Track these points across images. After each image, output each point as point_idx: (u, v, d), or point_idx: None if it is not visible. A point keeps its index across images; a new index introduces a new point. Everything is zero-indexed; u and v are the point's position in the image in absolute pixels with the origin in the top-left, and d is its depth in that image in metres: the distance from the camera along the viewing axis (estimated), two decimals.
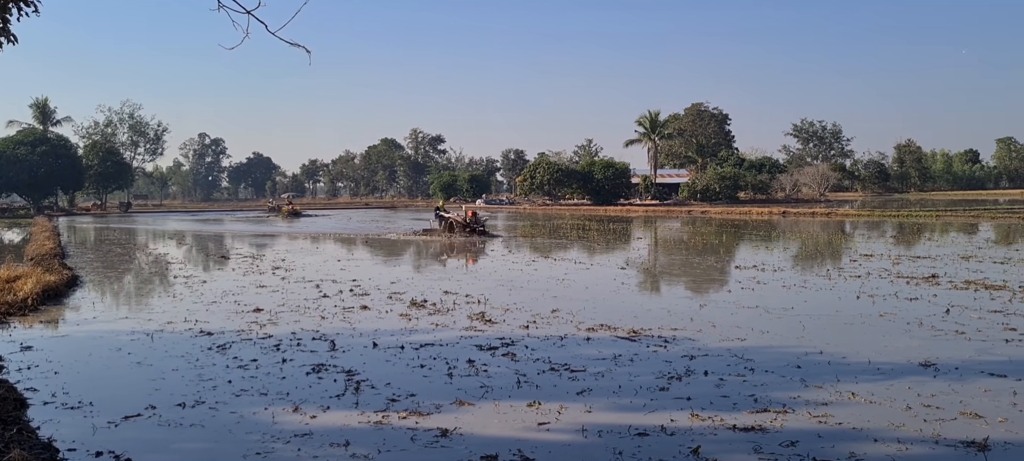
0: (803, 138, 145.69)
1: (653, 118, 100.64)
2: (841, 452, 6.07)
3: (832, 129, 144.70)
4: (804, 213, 57.23)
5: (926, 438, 6.41)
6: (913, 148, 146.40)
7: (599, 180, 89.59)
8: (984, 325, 11.44)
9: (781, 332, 11.22)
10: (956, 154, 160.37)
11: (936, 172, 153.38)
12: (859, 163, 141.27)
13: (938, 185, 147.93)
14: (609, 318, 12.34)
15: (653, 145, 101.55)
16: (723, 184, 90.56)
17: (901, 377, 8.43)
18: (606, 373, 8.77)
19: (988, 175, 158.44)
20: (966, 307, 13.08)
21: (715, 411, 7.22)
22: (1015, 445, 6.19)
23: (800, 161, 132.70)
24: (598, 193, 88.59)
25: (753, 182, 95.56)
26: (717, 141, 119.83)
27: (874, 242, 29.89)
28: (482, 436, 6.62)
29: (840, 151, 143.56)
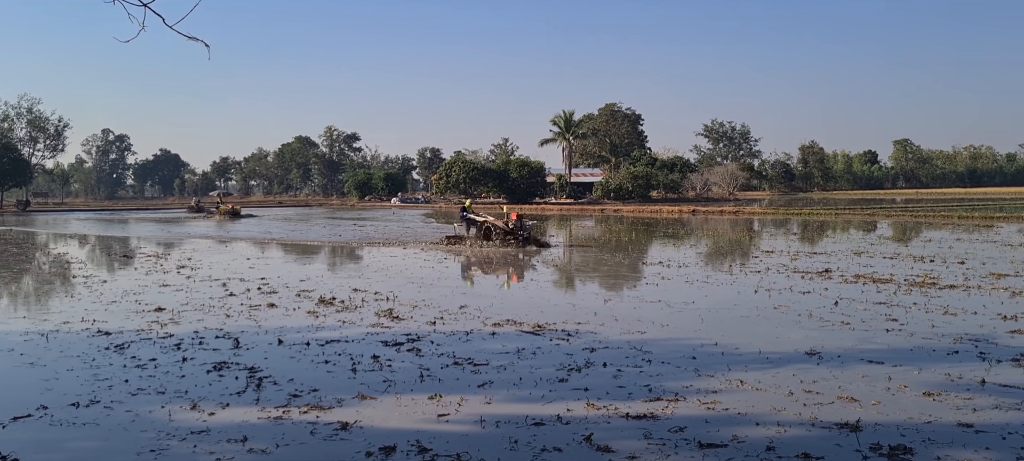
0: (713, 138, 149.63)
1: (568, 118, 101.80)
2: (725, 436, 6.37)
3: (741, 130, 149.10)
4: (713, 211, 58.76)
5: (804, 421, 6.77)
6: (816, 149, 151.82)
7: (515, 179, 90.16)
8: (868, 316, 12.06)
9: (680, 325, 11.61)
10: (856, 155, 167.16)
11: (838, 172, 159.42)
12: (766, 163, 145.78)
13: (839, 184, 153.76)
14: (516, 314, 12.53)
15: (568, 144, 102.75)
16: (636, 183, 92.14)
17: (787, 365, 8.86)
18: (508, 366, 8.95)
19: (886, 175, 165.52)
20: (854, 300, 13.74)
21: (611, 401, 7.46)
22: (884, 425, 6.59)
23: (710, 161, 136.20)
24: (514, 192, 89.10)
25: (665, 181, 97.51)
26: (630, 141, 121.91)
27: (777, 239, 30.98)
28: (382, 428, 6.71)
29: (748, 151, 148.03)
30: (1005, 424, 6.59)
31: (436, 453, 6.08)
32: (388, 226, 44.23)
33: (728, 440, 6.27)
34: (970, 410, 7.01)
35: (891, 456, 5.87)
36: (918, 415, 6.87)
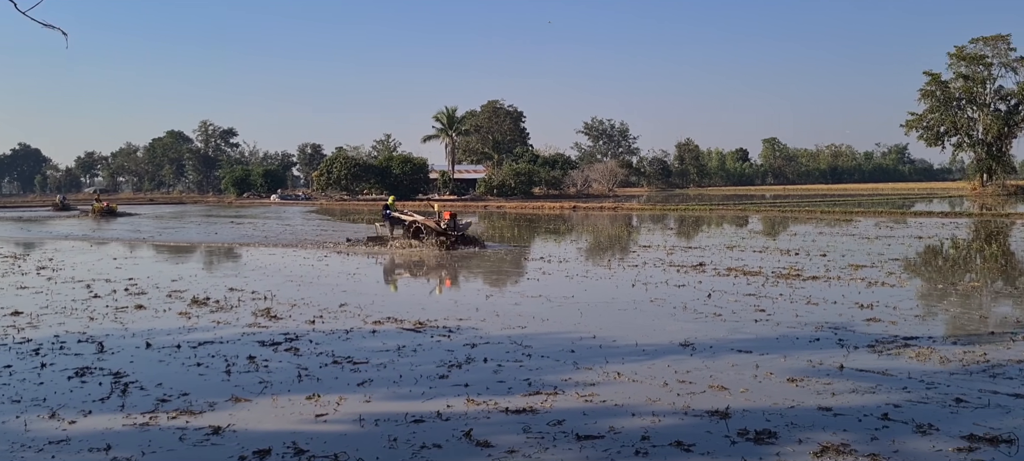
0: (593, 136, 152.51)
1: (450, 114, 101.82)
2: (602, 427, 6.50)
3: (620, 128, 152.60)
4: (594, 208, 59.87)
5: (678, 410, 6.98)
6: (692, 147, 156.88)
7: (397, 175, 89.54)
8: (739, 307, 12.55)
9: (560, 319, 11.77)
10: (729, 152, 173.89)
11: (712, 169, 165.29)
12: (644, 160, 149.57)
13: (714, 181, 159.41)
14: (397, 311, 12.42)
15: (451, 141, 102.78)
16: (518, 180, 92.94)
17: (662, 356, 9.11)
18: (389, 364, 8.87)
19: (756, 172, 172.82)
20: (725, 292, 14.26)
21: (491, 396, 7.49)
22: (752, 412, 6.87)
23: (591, 158, 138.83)
24: (396, 188, 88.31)
25: (547, 178, 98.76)
26: (512, 138, 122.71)
27: (655, 234, 31.86)
28: (257, 431, 6.52)
29: (627, 149, 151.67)
30: (861, 406, 6.97)
31: (313, 454, 5.95)
32: (268, 224, 43.00)
33: (605, 431, 6.40)
34: (829, 394, 7.39)
35: (757, 440, 6.12)
36: (782, 400, 7.19)
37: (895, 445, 5.97)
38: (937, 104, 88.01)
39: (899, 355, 9.03)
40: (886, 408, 6.89)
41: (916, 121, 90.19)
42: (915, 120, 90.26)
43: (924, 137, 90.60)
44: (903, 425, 6.44)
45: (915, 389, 7.53)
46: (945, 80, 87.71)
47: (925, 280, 16.41)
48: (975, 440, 6.03)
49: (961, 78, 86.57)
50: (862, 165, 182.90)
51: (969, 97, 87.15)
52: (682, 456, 5.85)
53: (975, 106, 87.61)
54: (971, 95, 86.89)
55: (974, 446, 5.91)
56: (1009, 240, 27.03)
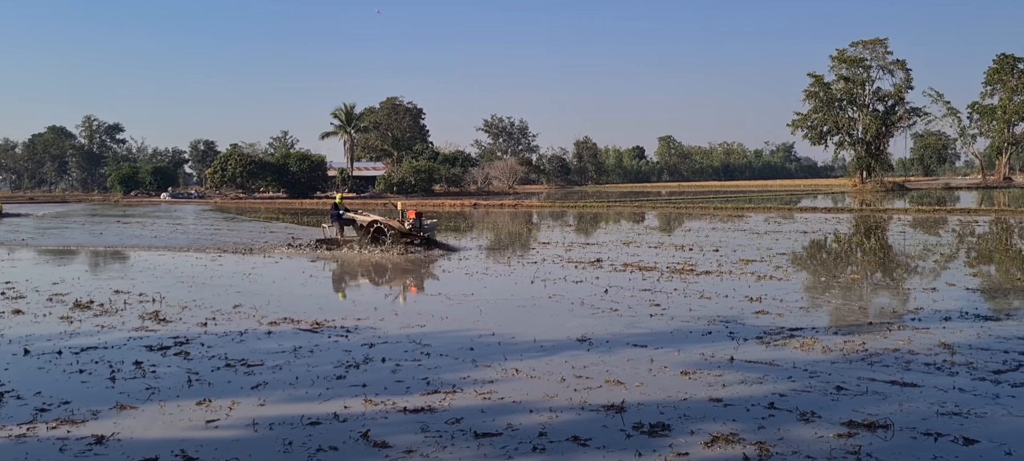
0: (493, 133, 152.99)
1: (349, 111, 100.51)
2: (500, 425, 6.53)
3: (520, 125, 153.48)
4: (494, 205, 60.12)
5: (575, 405, 7.07)
6: (590, 144, 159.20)
7: (295, 172, 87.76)
8: (634, 302, 12.81)
9: (459, 317, 11.77)
10: (626, 150, 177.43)
11: (610, 167, 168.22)
12: (544, 158, 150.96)
13: (611, 178, 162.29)
14: (293, 311, 12.17)
15: (349, 138, 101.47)
16: (418, 177, 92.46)
17: (560, 352, 9.22)
18: (284, 366, 8.68)
19: (652, 169, 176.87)
20: (622, 287, 14.54)
21: (389, 395, 7.43)
22: (646, 405, 7.02)
23: (491, 155, 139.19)
24: (294, 186, 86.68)
25: (447, 175, 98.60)
26: (412, 135, 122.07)
27: (554, 231, 32.22)
28: (143, 439, 6.28)
29: (527, 146, 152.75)
30: (749, 397, 7.22)
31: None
32: (159, 225, 41.48)
33: (503, 429, 6.43)
34: (720, 386, 7.63)
35: (651, 433, 6.26)
36: (676, 393, 7.38)
37: (780, 433, 6.20)
38: (820, 104, 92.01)
39: (785, 346, 9.39)
40: (773, 398, 7.16)
41: (801, 121, 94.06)
42: (800, 120, 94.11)
43: (809, 136, 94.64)
44: (788, 413, 6.70)
45: (799, 378, 7.85)
46: (828, 82, 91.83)
47: (810, 273, 17.10)
48: (854, 426, 6.33)
49: (842, 80, 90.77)
50: (752, 163, 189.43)
51: (850, 98, 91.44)
52: (579, 451, 5.93)
53: (855, 106, 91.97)
54: (852, 96, 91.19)
55: (853, 432, 6.20)
56: (887, 234, 28.45)
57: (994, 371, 8.00)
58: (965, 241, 25.21)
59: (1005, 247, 23.16)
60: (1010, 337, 9.66)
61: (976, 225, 31.88)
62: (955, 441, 5.96)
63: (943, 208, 45.41)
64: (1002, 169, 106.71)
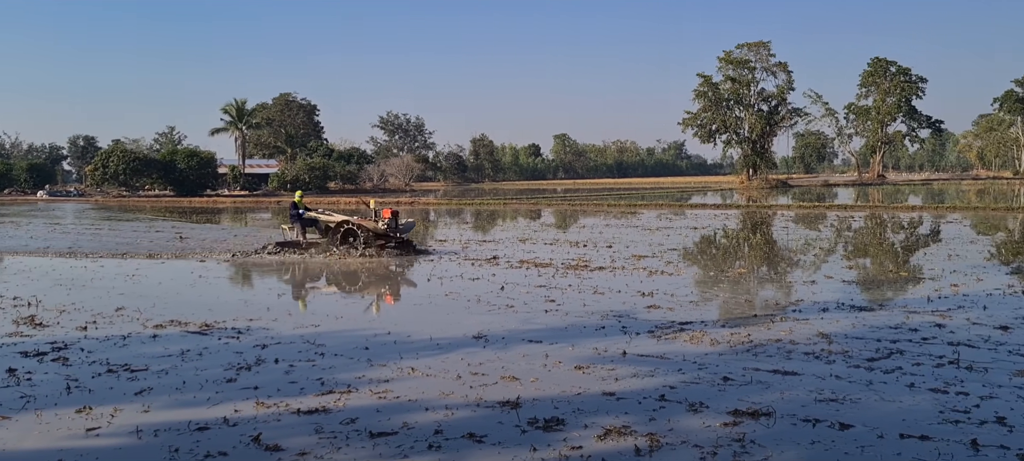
0: (389, 130, 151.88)
1: (240, 107, 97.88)
2: (396, 424, 6.49)
3: (416, 122, 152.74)
4: (390, 202, 59.43)
5: (470, 402, 7.09)
6: (486, 142, 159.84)
7: (183, 170, 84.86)
8: (530, 299, 12.93)
9: (355, 316, 11.64)
10: (522, 148, 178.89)
11: (506, 164, 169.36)
12: (441, 155, 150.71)
13: (508, 175, 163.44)
14: (181, 313, 11.77)
15: (241, 134, 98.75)
16: (313, 174, 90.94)
17: (456, 350, 9.22)
18: (171, 370, 8.39)
19: (548, 167, 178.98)
20: (518, 284, 14.66)
21: (282, 397, 7.28)
22: (541, 400, 7.10)
23: (387, 152, 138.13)
24: (182, 184, 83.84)
25: (342, 173, 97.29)
26: (306, 131, 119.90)
27: (450, 228, 32.19)
28: (17, 451, 5.97)
29: (424, 143, 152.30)
30: (641, 389, 7.40)
31: None
32: (35, 226, 39.40)
33: (399, 428, 6.39)
34: (613, 380, 7.78)
35: (546, 428, 6.34)
36: (570, 388, 7.49)
37: (670, 424, 6.38)
38: (709, 104, 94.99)
39: (676, 339, 9.66)
40: (663, 390, 7.35)
41: (691, 120, 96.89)
42: (690, 119, 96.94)
43: (698, 134, 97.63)
44: (678, 405, 6.90)
45: (689, 370, 8.08)
46: (716, 82, 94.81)
47: (700, 268, 17.62)
48: (739, 415, 6.56)
49: (730, 80, 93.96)
50: (645, 160, 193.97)
51: (736, 98, 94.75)
52: (474, 447, 5.96)
53: (742, 106, 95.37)
54: (738, 96, 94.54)
55: (738, 420, 6.43)
56: (771, 229, 29.58)
57: (868, 359, 8.43)
58: (842, 235, 26.45)
59: (879, 241, 24.41)
60: (882, 326, 10.19)
61: (853, 220, 33.50)
62: (832, 426, 6.26)
63: (822, 204, 47.55)
64: (876, 167, 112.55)
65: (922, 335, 9.57)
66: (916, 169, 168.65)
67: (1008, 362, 8.18)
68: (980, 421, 6.31)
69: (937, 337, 9.44)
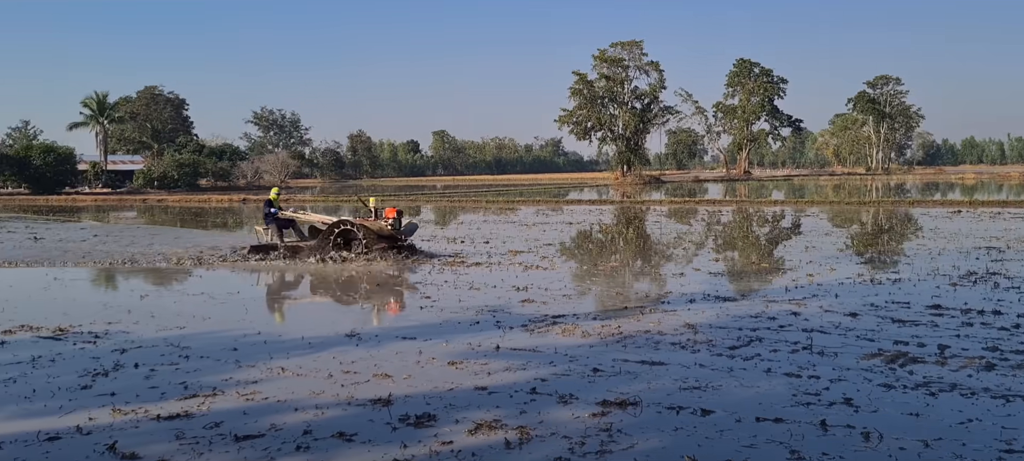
0: (264, 126, 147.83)
1: (101, 100, 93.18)
2: (263, 426, 6.32)
3: (291, 118, 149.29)
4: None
5: (341, 401, 6.99)
6: (364, 138, 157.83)
7: (39, 166, 79.84)
8: (405, 296, 12.84)
9: (223, 317, 11.26)
10: (401, 144, 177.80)
11: (385, 160, 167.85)
12: (317, 151, 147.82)
13: (387, 172, 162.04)
14: (32, 318, 11.09)
15: (102, 129, 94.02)
16: (182, 171, 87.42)
17: (329, 349, 9.07)
18: (20, 378, 7.90)
19: (427, 163, 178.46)
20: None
21: (141, 403, 6.97)
22: (413, 397, 7.07)
23: (261, 149, 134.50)
24: (38, 181, 78.92)
25: (214, 169, 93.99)
26: (174, 127, 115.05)
27: None
28: None
29: (299, 140, 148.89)
30: (513, 383, 7.47)
31: None
32: None
33: (266, 430, 6.23)
34: (486, 374, 7.82)
35: (417, 424, 6.31)
36: (443, 384, 7.48)
37: (541, 416, 6.46)
38: (584, 101, 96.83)
39: (548, 333, 9.80)
40: (535, 383, 7.44)
41: (567, 117, 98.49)
42: (566, 116, 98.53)
43: (574, 131, 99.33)
44: (548, 397, 7.00)
45: (560, 363, 8.21)
46: (591, 80, 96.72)
47: (575, 262, 17.92)
48: (607, 405, 6.72)
49: (604, 78, 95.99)
50: (523, 157, 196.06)
51: (611, 96, 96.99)
52: (344, 447, 5.87)
53: (616, 104, 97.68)
54: (612, 94, 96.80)
55: (606, 410, 6.58)
56: (644, 224, 30.42)
57: (730, 347, 8.78)
58: (712, 230, 27.47)
59: (744, 234, 25.48)
60: (744, 316, 10.64)
61: (721, 215, 34.86)
62: (694, 413, 6.49)
63: (693, 199, 49.27)
64: (742, 163, 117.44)
65: (780, 323, 10.05)
66: (779, 166, 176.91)
67: (856, 346, 8.68)
68: (829, 402, 6.68)
69: (793, 324, 9.93)
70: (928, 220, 27.79)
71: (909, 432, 5.93)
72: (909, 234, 23.07)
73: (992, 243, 19.25)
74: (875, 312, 10.64)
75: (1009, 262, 15.61)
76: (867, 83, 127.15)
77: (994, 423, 6.10)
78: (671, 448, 5.72)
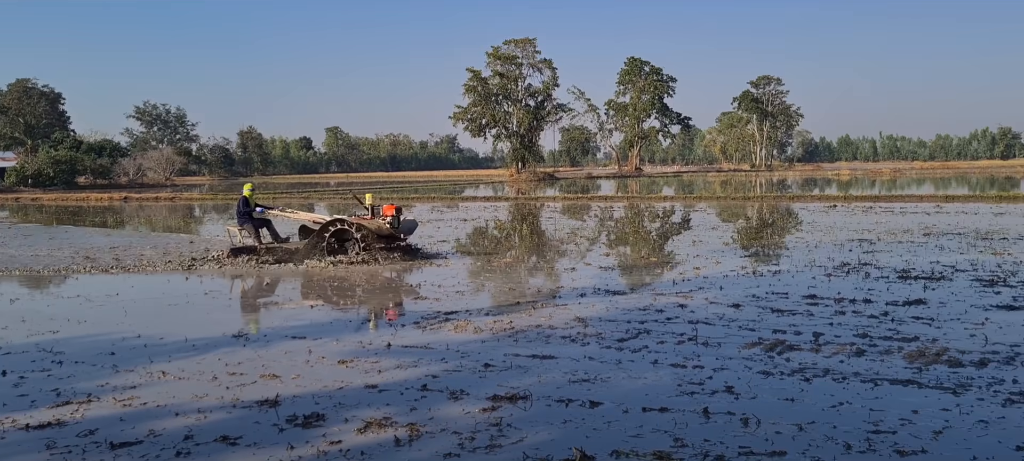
0: (146, 121, 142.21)
1: None
2: (140, 432, 6.08)
3: (177, 113, 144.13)
4: (148, 198, 55.86)
5: (226, 404, 6.79)
6: (255, 134, 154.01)
7: None
8: (296, 295, 12.59)
9: (100, 320, 10.79)
10: (293, 141, 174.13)
11: (276, 157, 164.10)
12: (205, 148, 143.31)
13: (278, 169, 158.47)
14: None
15: None
16: (58, 168, 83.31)
17: (214, 350, 8.80)
18: None
19: (321, 160, 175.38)
20: (284, 279, 14.22)
21: (8, 413, 6.61)
22: (302, 397, 6.93)
23: (144, 145, 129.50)
24: None
25: (93, 166, 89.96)
26: (49, 122, 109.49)
27: (217, 225, 30.67)
28: None
29: (186, 135, 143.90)
30: (404, 380, 7.42)
31: None
32: None
33: (144, 436, 6.00)
34: (377, 372, 7.75)
35: (305, 425, 6.19)
36: (332, 383, 7.37)
37: (431, 413, 6.44)
38: (479, 98, 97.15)
39: (441, 329, 9.78)
40: (426, 380, 7.41)
41: (462, 114, 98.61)
42: (461, 113, 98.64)
43: (469, 128, 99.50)
44: (439, 393, 6.98)
45: (452, 359, 8.21)
46: (485, 77, 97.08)
47: (469, 259, 17.91)
48: (498, 399, 6.75)
49: (498, 76, 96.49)
50: (418, 154, 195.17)
51: (505, 93, 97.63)
52: (227, 450, 5.70)
53: (510, 101, 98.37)
54: (506, 91, 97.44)
55: (497, 405, 6.61)
56: (538, 220, 30.71)
57: (618, 340, 8.96)
58: (604, 225, 27.95)
59: (636, 230, 26.04)
60: (633, 309, 10.88)
61: (613, 210, 35.51)
62: (583, 405, 6.59)
63: (586, 196, 50.04)
64: (634, 160, 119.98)
65: (667, 315, 10.31)
66: (669, 162, 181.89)
67: (738, 336, 8.99)
68: (712, 391, 6.90)
69: (680, 317, 10.21)
70: (807, 214, 29.03)
71: (785, 416, 6.18)
72: (789, 228, 24.05)
73: (864, 235, 20.26)
74: (756, 303, 11.05)
75: (879, 253, 16.46)
76: (751, 83, 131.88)
77: (863, 405, 6.42)
78: (560, 440, 5.80)
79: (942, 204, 32.93)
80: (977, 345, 8.37)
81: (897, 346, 8.35)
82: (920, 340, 8.62)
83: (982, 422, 5.99)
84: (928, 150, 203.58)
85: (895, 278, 13.04)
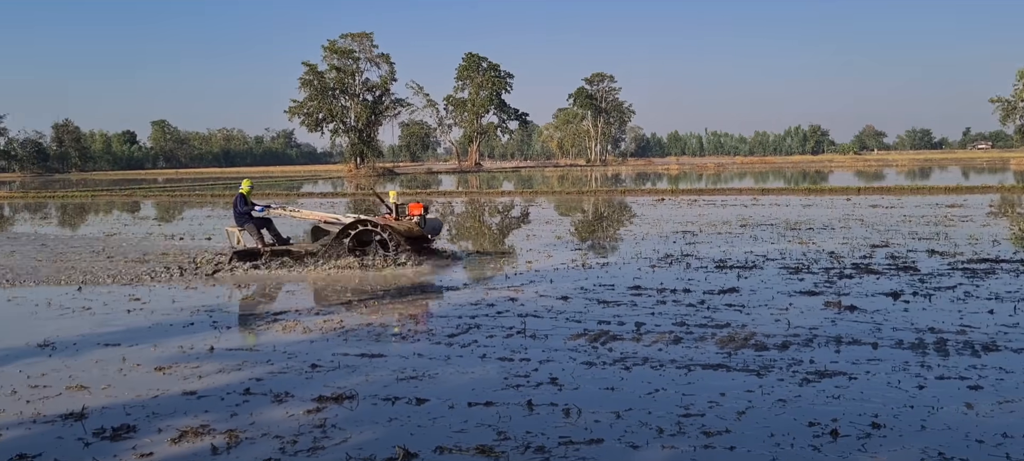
0: None
1: None
2: None
3: None
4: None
5: (26, 419, 6.33)
6: (72, 128, 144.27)
7: None
8: (111, 299, 11.88)
9: None
10: (115, 135, 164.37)
11: (97, 152, 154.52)
12: (15, 142, 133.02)
13: (99, 165, 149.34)
14: None
15: None
16: None
17: (14, 362, 8.18)
18: None
19: (146, 155, 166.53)
20: (100, 282, 13.41)
21: None
22: (112, 408, 6.55)
23: None
24: None
25: None
26: None
27: (26, 225, 28.53)
28: None
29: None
30: (225, 385, 7.16)
31: None
32: None
33: None
34: (196, 378, 7.44)
35: (114, 437, 5.86)
36: (147, 391, 7.01)
37: (252, 418, 6.25)
38: (315, 93, 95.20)
39: (268, 330, 9.51)
40: (249, 383, 7.18)
41: (298, 108, 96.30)
42: (297, 107, 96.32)
43: (306, 123, 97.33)
44: (263, 397, 6.79)
45: (278, 361, 8.00)
46: (322, 71, 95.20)
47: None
48: (323, 400, 6.64)
49: (335, 70, 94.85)
50: (254, 149, 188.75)
51: (342, 87, 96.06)
52: None
53: (347, 96, 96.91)
54: (344, 86, 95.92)
55: (322, 406, 6.50)
56: None
57: (449, 335, 9.01)
58: (447, 219, 28.00)
59: (474, 224, 26.24)
60: (465, 304, 10.96)
61: (453, 205, 35.65)
62: (410, 402, 6.58)
63: (426, 191, 49.97)
64: (473, 155, 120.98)
65: (498, 309, 10.46)
66: (508, 157, 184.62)
67: (565, 328, 9.24)
68: (537, 383, 7.05)
69: (510, 310, 10.38)
70: (637, 207, 30.22)
71: (605, 405, 6.41)
72: (620, 221, 24.94)
73: (688, 227, 21.31)
74: (584, 295, 11.39)
75: (700, 244, 17.36)
76: (585, 79, 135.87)
77: (677, 391, 6.76)
78: (384, 439, 5.76)
79: (758, 197, 35.13)
80: (781, 329, 8.98)
81: (711, 333, 8.84)
82: (731, 326, 9.16)
83: (781, 401, 6.44)
84: (748, 146, 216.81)
85: (713, 268, 13.78)
